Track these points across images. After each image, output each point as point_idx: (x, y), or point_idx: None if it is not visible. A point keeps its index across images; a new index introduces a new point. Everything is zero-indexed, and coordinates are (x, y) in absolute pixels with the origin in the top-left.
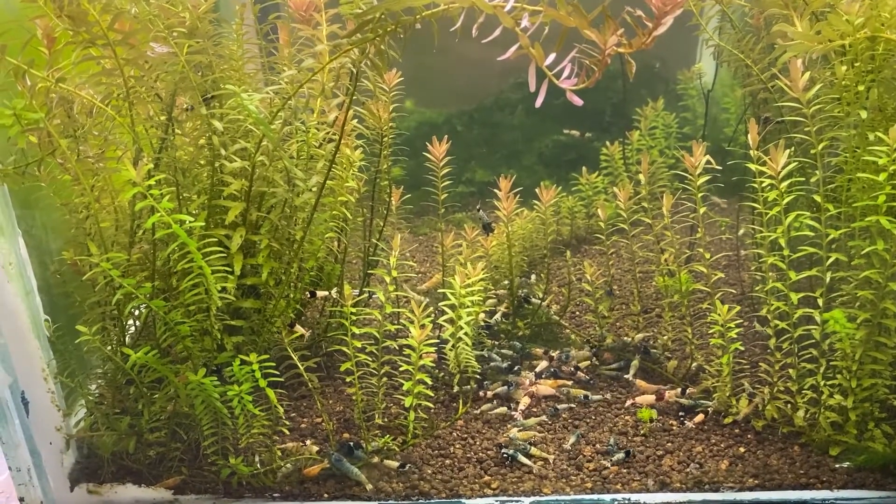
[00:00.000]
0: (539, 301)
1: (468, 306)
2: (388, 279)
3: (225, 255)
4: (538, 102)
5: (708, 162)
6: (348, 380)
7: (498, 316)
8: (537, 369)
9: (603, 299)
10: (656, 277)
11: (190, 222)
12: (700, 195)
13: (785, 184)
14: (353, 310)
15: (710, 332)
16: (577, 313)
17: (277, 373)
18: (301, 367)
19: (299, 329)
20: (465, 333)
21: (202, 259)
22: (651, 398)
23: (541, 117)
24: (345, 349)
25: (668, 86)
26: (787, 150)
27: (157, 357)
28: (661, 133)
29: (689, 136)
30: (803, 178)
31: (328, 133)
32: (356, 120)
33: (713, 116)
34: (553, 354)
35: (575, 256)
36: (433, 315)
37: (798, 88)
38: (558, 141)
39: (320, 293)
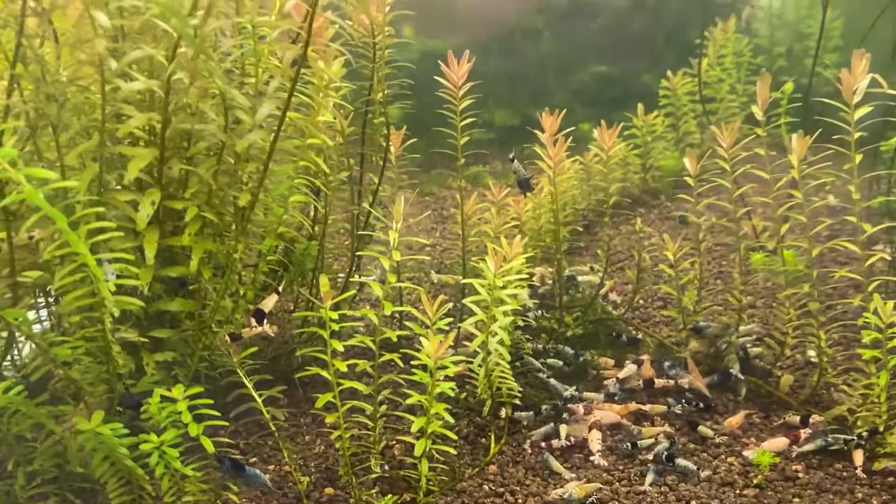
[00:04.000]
0: (593, 286)
1: (505, 302)
2: (386, 264)
3: (130, 233)
4: None
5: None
6: (329, 420)
7: (530, 300)
8: (611, 387)
9: (686, 287)
10: (751, 256)
11: (58, 183)
12: None
13: None
14: (334, 316)
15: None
16: (641, 303)
17: (217, 413)
18: (258, 401)
19: (264, 329)
20: (501, 342)
21: (85, 240)
22: (781, 443)
23: (573, 46)
24: (324, 372)
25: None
26: None
27: (26, 396)
28: (730, 62)
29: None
30: None
31: (291, 37)
32: (335, 22)
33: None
34: (643, 359)
35: (628, 223)
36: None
37: None
38: (598, 74)
39: (269, 303)
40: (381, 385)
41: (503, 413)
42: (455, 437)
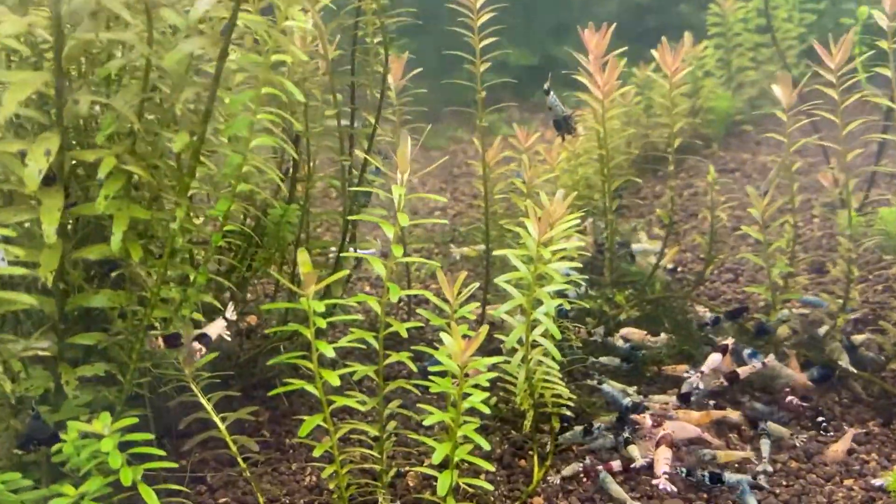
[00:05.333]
0: (648, 254)
1: (550, 280)
2: (390, 232)
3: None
4: None
5: None
6: (317, 453)
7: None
8: (683, 389)
9: (776, 258)
10: (838, 217)
11: None
12: None
13: None
14: (319, 307)
15: None
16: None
17: (161, 451)
18: (222, 429)
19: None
20: (546, 334)
21: None
22: None
23: None
24: (309, 387)
25: None
26: None
27: None
28: None
29: None
30: None
31: None
32: None
33: None
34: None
35: (676, 176)
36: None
37: None
38: (629, 3)
39: (216, 328)
40: (388, 397)
41: (551, 427)
42: (491, 468)
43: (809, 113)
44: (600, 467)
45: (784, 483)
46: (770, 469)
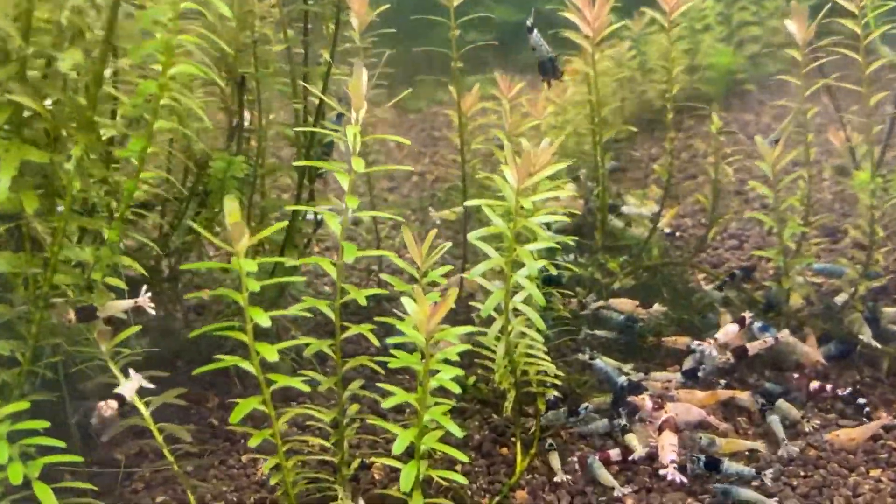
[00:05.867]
0: (644, 218)
1: (534, 237)
2: (344, 182)
3: None
4: None
5: None
6: (253, 442)
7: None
8: (687, 364)
9: (787, 217)
10: (855, 176)
11: None
12: None
13: None
14: (252, 267)
15: None
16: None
17: (60, 443)
18: (147, 418)
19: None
20: (528, 300)
21: None
22: None
23: None
24: (245, 364)
25: None
26: None
27: None
28: None
29: None
30: None
31: None
32: None
33: None
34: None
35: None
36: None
37: None
38: None
39: (116, 306)
40: (348, 377)
41: (537, 410)
42: (465, 458)
43: (829, 51)
44: (595, 455)
45: (802, 474)
46: (795, 450)
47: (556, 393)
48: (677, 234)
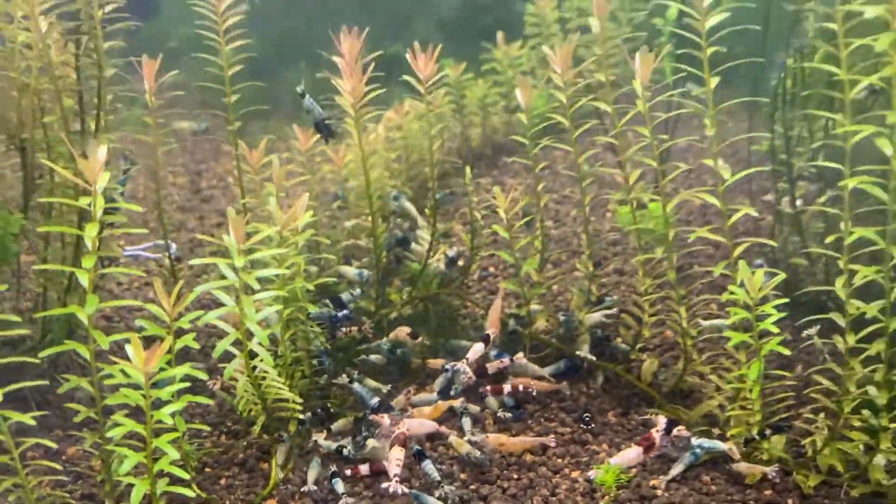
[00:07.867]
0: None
1: (269, 285)
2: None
3: None
4: None
5: None
6: None
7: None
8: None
9: (528, 255)
10: (617, 210)
11: None
12: None
13: None
14: None
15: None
16: (492, 272)
17: None
18: None
19: None
20: (264, 342)
21: None
22: (632, 455)
23: None
24: None
25: None
26: None
27: None
28: None
29: None
30: None
31: None
32: None
33: None
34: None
35: (489, 174)
36: None
37: None
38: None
39: None
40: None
41: (287, 433)
42: (186, 476)
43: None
44: (345, 470)
45: (517, 475)
46: (478, 440)
47: (303, 416)
48: (461, 263)
